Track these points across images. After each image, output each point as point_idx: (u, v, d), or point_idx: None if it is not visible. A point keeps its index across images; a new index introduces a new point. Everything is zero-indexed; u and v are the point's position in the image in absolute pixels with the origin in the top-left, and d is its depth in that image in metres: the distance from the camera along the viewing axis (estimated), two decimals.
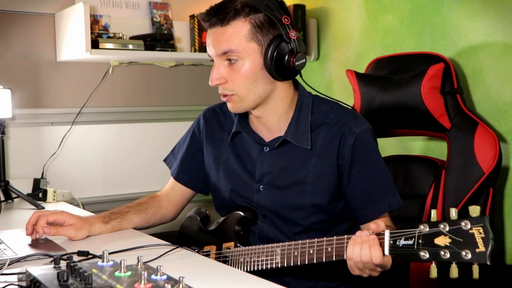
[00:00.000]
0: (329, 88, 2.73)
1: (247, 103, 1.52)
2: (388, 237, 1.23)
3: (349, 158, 1.51)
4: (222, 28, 1.46)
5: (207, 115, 1.75)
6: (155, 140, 2.80)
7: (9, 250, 1.44)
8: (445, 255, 1.13)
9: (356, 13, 2.59)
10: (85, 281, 0.99)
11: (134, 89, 2.75)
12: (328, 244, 1.36)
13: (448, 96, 1.94)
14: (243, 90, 1.50)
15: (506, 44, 2.02)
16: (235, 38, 1.46)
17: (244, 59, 1.47)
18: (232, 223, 1.63)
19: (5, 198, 2.27)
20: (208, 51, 1.53)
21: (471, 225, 1.10)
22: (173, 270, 1.12)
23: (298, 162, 1.55)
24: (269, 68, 1.47)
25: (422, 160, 2.03)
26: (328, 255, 1.35)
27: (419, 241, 1.16)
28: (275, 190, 1.58)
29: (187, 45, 2.79)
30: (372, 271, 1.31)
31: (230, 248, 1.60)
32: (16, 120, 2.43)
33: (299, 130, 1.54)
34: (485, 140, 1.85)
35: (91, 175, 2.64)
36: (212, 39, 1.49)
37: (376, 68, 2.17)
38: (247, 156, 1.63)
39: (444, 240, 1.13)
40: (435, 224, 1.15)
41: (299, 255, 1.41)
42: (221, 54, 1.48)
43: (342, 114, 1.56)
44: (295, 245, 1.43)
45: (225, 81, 1.50)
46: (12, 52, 2.45)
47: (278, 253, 1.46)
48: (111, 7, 2.65)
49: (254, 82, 1.49)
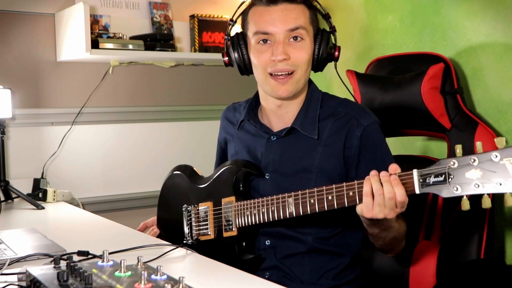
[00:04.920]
0: (329, 88, 2.73)
1: (299, 86, 1.55)
2: (417, 176, 1.23)
3: (357, 150, 1.52)
4: (291, 5, 1.52)
5: (223, 115, 1.80)
6: (155, 140, 2.80)
7: (9, 250, 1.44)
8: (478, 187, 1.13)
9: (356, 13, 2.59)
10: (85, 281, 0.99)
11: (134, 89, 2.75)
12: (349, 188, 1.33)
13: (448, 96, 1.94)
14: (303, 69, 1.54)
15: (506, 44, 2.02)
16: (303, 16, 1.53)
17: (307, 39, 1.54)
18: (229, 177, 1.58)
19: (5, 198, 2.28)
20: (267, 28, 1.52)
21: (502, 156, 1.11)
22: (173, 270, 1.13)
23: (304, 150, 1.56)
24: (318, 56, 1.55)
25: (422, 160, 2.02)
26: (350, 199, 1.32)
27: (450, 176, 1.17)
28: (280, 177, 1.58)
29: (187, 45, 2.79)
30: (390, 211, 1.28)
31: (231, 202, 1.55)
32: (16, 120, 2.43)
33: (307, 120, 1.57)
34: (485, 140, 1.85)
35: (91, 175, 2.64)
36: (280, 15, 1.52)
37: (376, 68, 2.17)
38: (255, 146, 1.64)
39: (476, 173, 1.14)
40: (464, 159, 1.15)
41: (317, 203, 1.37)
42: (289, 30, 1.51)
43: (350, 108, 1.58)
44: (310, 193, 1.39)
45: (289, 58, 1.51)
46: (12, 52, 2.45)
47: (291, 202, 1.42)
48: (111, 7, 2.65)
49: (309, 64, 1.56)
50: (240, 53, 1.58)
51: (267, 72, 1.53)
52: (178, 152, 2.85)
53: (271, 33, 1.51)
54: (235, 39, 1.60)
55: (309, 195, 1.39)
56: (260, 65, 1.54)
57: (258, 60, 1.55)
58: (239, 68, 1.62)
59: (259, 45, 1.54)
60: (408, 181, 1.25)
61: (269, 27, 1.52)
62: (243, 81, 1.62)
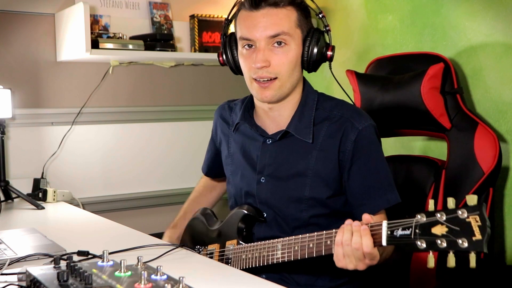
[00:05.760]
0: (329, 88, 2.73)
1: (283, 90, 1.53)
2: (385, 228, 1.22)
3: (350, 154, 1.52)
4: (275, 10, 1.49)
5: (218, 113, 1.79)
6: (155, 140, 2.80)
7: (9, 250, 1.44)
8: (442, 244, 1.11)
9: (356, 13, 2.59)
10: (85, 281, 0.99)
11: (134, 89, 2.75)
12: (327, 237, 1.35)
13: (448, 96, 1.94)
14: (286, 75, 1.51)
15: (506, 44, 2.02)
16: (287, 21, 1.49)
17: (291, 44, 1.50)
18: (235, 221, 1.63)
19: (5, 198, 2.27)
20: (249, 33, 1.51)
21: (468, 214, 1.09)
22: (173, 270, 1.12)
23: (299, 154, 1.56)
24: (308, 57, 1.52)
25: (422, 160, 2.02)
26: (327, 248, 1.34)
27: (416, 230, 1.15)
28: (275, 181, 1.58)
29: (187, 45, 2.79)
30: (359, 262, 1.27)
31: (233, 246, 1.60)
32: (16, 120, 2.43)
33: (302, 123, 1.56)
34: (485, 140, 1.85)
35: (91, 175, 2.64)
36: (262, 20, 1.49)
37: (376, 68, 2.17)
38: (250, 149, 1.64)
39: (441, 229, 1.12)
40: (432, 214, 1.14)
41: (299, 249, 1.40)
42: (270, 37, 1.49)
43: (346, 110, 1.57)
44: (295, 239, 1.42)
45: (269, 65, 1.50)
46: (12, 52, 2.45)
47: (279, 248, 1.45)
48: (111, 7, 2.65)
49: (294, 68, 1.53)
50: (231, 55, 1.60)
51: (252, 77, 1.53)
52: (178, 152, 2.85)
53: (253, 39, 1.50)
54: (227, 40, 1.61)
55: (294, 242, 1.42)
56: (244, 70, 1.56)
57: (243, 65, 1.56)
58: (231, 69, 1.64)
59: (245, 50, 1.54)
60: (377, 232, 1.24)
61: (251, 33, 1.50)
62: (242, 81, 1.62)
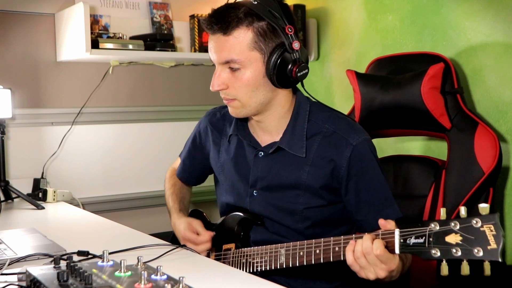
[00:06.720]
0: (329, 88, 2.73)
1: (248, 109, 1.52)
2: (398, 236, 1.22)
3: (345, 170, 1.50)
4: (224, 37, 1.45)
5: (207, 119, 1.77)
6: (155, 140, 2.80)
7: (9, 250, 1.44)
8: (456, 252, 1.13)
9: (356, 13, 2.59)
10: (85, 281, 0.99)
11: (134, 89, 2.75)
12: (335, 243, 1.34)
13: (448, 96, 1.94)
14: (245, 97, 1.49)
15: (506, 44, 2.02)
16: (237, 47, 1.44)
17: (246, 67, 1.46)
18: (232, 224, 1.62)
19: (5, 198, 2.27)
20: (210, 55, 1.52)
21: (482, 223, 1.10)
22: (173, 270, 1.12)
23: (292, 168, 1.54)
24: (271, 77, 1.46)
25: (422, 160, 2.03)
26: (335, 254, 1.33)
27: (430, 239, 1.16)
28: (268, 194, 1.57)
29: (187, 45, 2.79)
30: (377, 268, 1.24)
31: (231, 249, 1.59)
32: (16, 120, 2.43)
33: (294, 137, 1.54)
34: (485, 140, 1.85)
35: (91, 175, 2.64)
36: (214, 45, 1.48)
37: (376, 68, 2.17)
38: (242, 160, 1.63)
39: (455, 238, 1.13)
40: (445, 223, 1.15)
41: (305, 255, 1.39)
42: (222, 63, 1.48)
43: (338, 125, 1.54)
44: (300, 245, 1.41)
45: (227, 87, 1.49)
46: (12, 52, 2.45)
47: (283, 253, 1.44)
48: (111, 7, 2.65)
49: (255, 89, 1.48)
50: None
51: None
52: (178, 152, 2.84)
53: (212, 60, 1.52)
54: None
55: (299, 247, 1.41)
56: None
57: None
58: None
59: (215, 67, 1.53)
60: (389, 240, 1.24)
61: (210, 55, 1.51)
62: None
